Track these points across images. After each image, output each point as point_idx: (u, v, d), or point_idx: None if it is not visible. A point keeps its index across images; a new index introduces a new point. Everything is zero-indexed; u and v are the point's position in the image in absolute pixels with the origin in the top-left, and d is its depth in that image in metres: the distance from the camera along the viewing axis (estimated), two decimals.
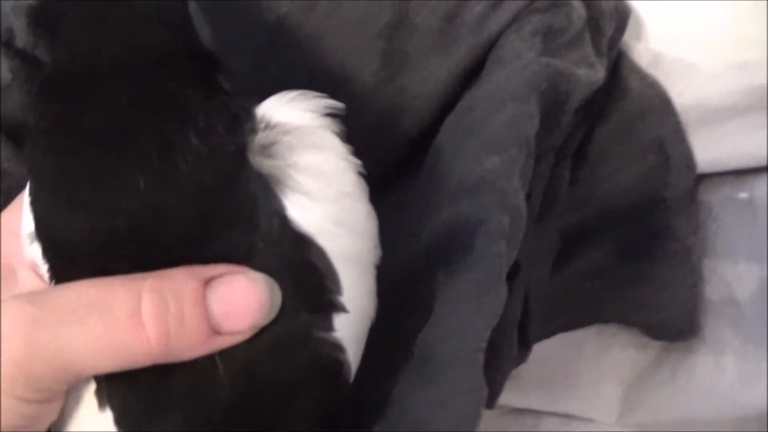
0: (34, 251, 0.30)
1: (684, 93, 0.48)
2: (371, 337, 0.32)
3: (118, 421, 0.28)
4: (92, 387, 0.29)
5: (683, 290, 0.47)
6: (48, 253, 0.29)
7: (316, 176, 0.30)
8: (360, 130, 0.31)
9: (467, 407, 0.35)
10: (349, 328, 0.30)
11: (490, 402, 0.46)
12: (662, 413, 0.51)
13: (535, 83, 0.39)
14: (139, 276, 0.27)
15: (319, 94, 0.31)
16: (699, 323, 0.49)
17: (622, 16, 0.48)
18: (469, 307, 0.35)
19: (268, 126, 0.30)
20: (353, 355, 0.30)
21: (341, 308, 0.29)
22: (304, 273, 0.29)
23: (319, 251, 0.29)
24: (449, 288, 0.37)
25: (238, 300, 0.27)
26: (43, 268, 0.29)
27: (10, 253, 0.32)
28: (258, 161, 0.29)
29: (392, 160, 0.44)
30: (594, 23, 0.45)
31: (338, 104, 0.31)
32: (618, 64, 0.48)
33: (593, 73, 0.43)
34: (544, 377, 0.52)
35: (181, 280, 0.27)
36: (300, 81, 0.42)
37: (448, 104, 0.43)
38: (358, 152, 0.31)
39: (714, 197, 0.50)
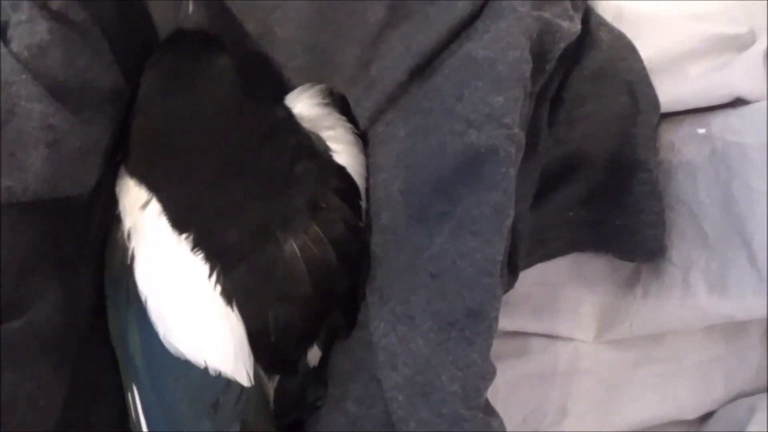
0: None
1: (647, 42, 0.54)
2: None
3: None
4: None
5: (652, 215, 0.53)
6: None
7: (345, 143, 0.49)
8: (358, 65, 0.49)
9: (490, 311, 0.40)
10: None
11: None
12: (636, 329, 0.57)
13: (529, 33, 0.44)
14: None
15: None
16: (667, 245, 0.55)
17: None
18: (489, 226, 0.41)
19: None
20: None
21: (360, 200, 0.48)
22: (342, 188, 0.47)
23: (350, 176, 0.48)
24: (460, 209, 0.42)
25: None
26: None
27: None
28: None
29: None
30: None
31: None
32: (587, 18, 0.54)
33: (573, 25, 0.48)
34: (529, 303, 0.58)
35: None
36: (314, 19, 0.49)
37: (438, 52, 0.48)
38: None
39: (676, 134, 0.55)
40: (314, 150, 0.47)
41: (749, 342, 0.59)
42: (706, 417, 0.60)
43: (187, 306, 0.43)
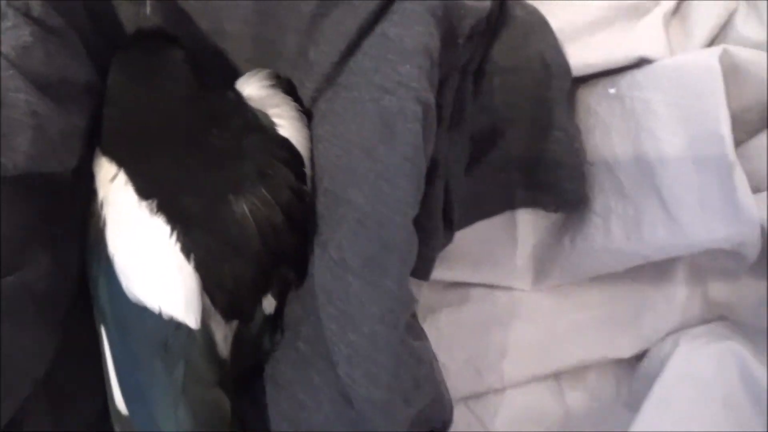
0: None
1: (558, 15, 0.61)
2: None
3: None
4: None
5: (571, 169, 0.60)
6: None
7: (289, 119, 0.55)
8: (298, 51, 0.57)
9: (401, 244, 0.47)
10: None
11: (425, 275, 0.59)
12: (567, 275, 0.64)
13: (432, 11, 0.51)
14: None
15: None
16: (588, 196, 0.61)
17: None
18: (399, 174, 0.48)
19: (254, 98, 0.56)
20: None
21: (304, 168, 0.54)
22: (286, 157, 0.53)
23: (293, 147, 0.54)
24: (379, 164, 0.49)
25: None
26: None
27: None
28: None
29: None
30: None
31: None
32: None
33: (479, 3, 0.55)
34: (469, 257, 0.64)
35: None
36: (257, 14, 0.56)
37: (363, 34, 0.55)
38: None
39: (590, 96, 0.62)
40: (261, 125, 0.54)
41: (674, 284, 0.64)
42: (642, 355, 0.66)
43: (146, 260, 0.50)
